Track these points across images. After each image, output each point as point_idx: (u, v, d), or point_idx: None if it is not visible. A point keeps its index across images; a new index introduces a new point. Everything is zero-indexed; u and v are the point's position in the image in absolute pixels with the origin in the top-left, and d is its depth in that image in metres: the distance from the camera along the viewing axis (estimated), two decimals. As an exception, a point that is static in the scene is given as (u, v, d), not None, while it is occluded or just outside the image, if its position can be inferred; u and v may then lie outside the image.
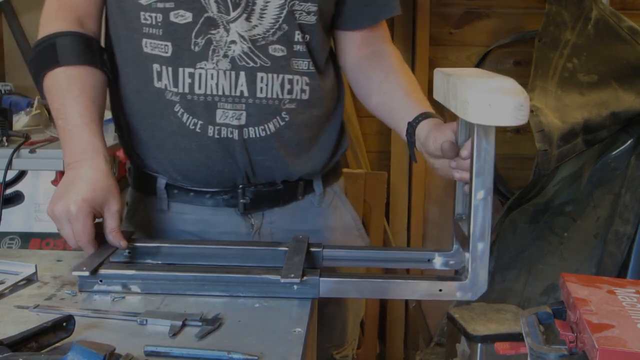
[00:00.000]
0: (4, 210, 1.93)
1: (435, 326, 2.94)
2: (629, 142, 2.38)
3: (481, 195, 1.05)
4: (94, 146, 1.23)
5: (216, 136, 1.28)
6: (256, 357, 0.92)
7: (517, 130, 2.83)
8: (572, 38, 2.38)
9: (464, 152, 1.14)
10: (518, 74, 2.78)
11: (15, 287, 1.16)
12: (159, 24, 1.25)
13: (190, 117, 1.28)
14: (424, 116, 1.30)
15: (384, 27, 1.46)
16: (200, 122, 1.28)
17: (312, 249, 1.24)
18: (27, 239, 2.08)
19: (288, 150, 1.33)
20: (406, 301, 2.93)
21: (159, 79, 1.27)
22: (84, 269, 1.13)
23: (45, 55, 1.28)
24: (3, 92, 2.34)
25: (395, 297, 1.11)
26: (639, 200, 2.29)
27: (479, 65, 2.77)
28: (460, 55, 2.79)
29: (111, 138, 2.05)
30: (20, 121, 2.16)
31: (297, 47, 1.30)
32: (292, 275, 1.11)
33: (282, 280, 1.11)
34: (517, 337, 1.02)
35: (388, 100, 1.40)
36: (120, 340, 0.95)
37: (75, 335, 0.96)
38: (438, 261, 1.25)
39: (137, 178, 1.42)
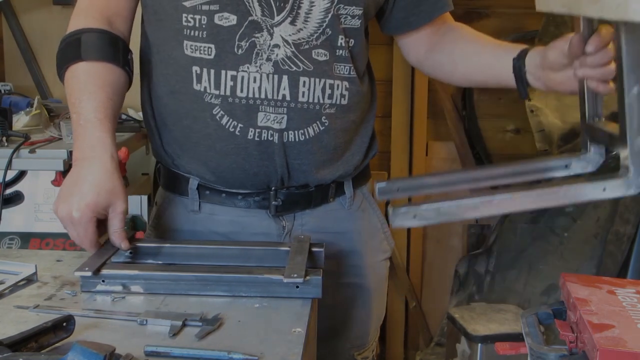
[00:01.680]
0: (3, 210, 1.93)
1: (435, 326, 2.94)
2: (629, 142, 2.37)
3: (635, 91, 1.01)
4: (103, 143, 1.22)
5: (256, 139, 1.28)
6: (256, 357, 0.92)
7: (517, 130, 2.83)
8: (572, 38, 2.38)
9: (590, 47, 1.09)
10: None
11: (15, 287, 1.16)
12: (203, 26, 1.25)
13: (230, 120, 1.28)
14: (526, 50, 1.30)
15: (445, 15, 1.46)
16: (240, 124, 1.28)
17: (314, 249, 1.24)
18: (27, 239, 2.07)
19: (325, 154, 1.34)
20: (406, 301, 2.94)
21: (199, 81, 1.27)
22: (86, 269, 1.13)
23: (70, 50, 1.28)
24: (3, 92, 2.33)
25: (560, 203, 1.06)
26: (639, 200, 2.29)
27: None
28: (460, 55, 2.79)
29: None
30: (20, 121, 2.16)
31: (340, 52, 1.31)
32: (295, 275, 1.11)
33: (285, 280, 1.11)
34: (517, 337, 1.02)
35: (479, 59, 1.39)
36: (120, 341, 0.95)
37: (75, 335, 0.96)
38: (576, 166, 1.21)
39: (168, 178, 1.41)
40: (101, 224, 1.21)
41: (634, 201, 2.30)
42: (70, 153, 1.99)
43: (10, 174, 1.95)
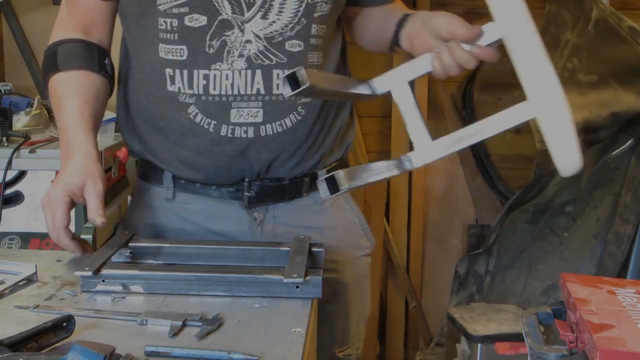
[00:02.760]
0: (3, 210, 1.93)
1: (435, 326, 2.94)
2: (629, 142, 2.38)
3: None
4: (79, 141, 1.27)
5: (229, 135, 1.31)
6: (256, 357, 0.92)
7: (517, 130, 2.82)
8: (572, 38, 2.38)
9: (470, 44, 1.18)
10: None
11: (15, 287, 1.16)
12: (175, 28, 1.28)
13: (204, 118, 1.30)
14: (412, 14, 1.36)
15: None
16: (213, 121, 1.30)
17: (314, 249, 1.24)
18: (27, 239, 2.07)
19: (302, 144, 1.36)
20: (406, 301, 2.93)
21: (172, 82, 1.30)
22: (86, 269, 1.13)
23: (49, 62, 1.35)
24: (3, 92, 2.33)
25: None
26: (639, 200, 2.29)
27: (479, 65, 2.76)
28: (460, 55, 2.79)
29: (110, 138, 2.06)
30: (20, 121, 2.16)
31: (313, 41, 1.32)
32: (295, 275, 1.11)
33: (285, 280, 1.11)
34: (517, 337, 1.02)
35: (381, 21, 1.42)
36: (120, 341, 0.95)
37: (76, 335, 0.96)
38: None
39: (144, 168, 1.45)
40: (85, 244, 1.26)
41: (634, 201, 2.30)
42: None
43: (11, 174, 1.96)
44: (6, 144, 1.97)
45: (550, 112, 1.12)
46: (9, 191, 1.98)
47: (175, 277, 1.15)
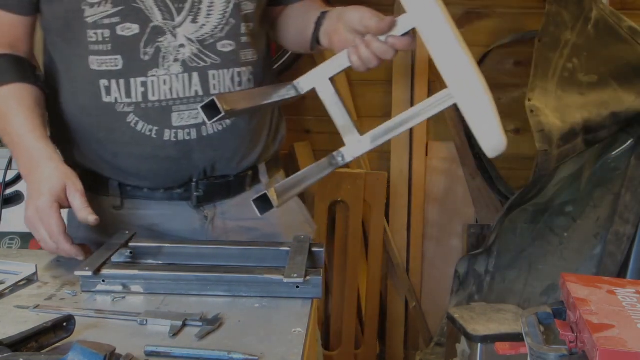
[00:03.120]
0: (4, 210, 1.93)
1: (435, 326, 2.93)
2: (629, 142, 2.38)
3: None
4: (39, 149, 1.27)
5: (173, 139, 1.32)
6: (256, 357, 0.92)
7: (517, 130, 2.83)
8: (572, 38, 2.38)
9: (385, 37, 1.19)
10: (518, 74, 2.78)
11: (15, 287, 1.17)
12: (107, 39, 1.28)
13: (145, 125, 1.32)
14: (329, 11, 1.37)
15: None
16: (155, 127, 1.32)
17: (314, 249, 1.24)
18: (27, 239, 2.07)
19: (243, 140, 1.39)
20: (406, 301, 2.93)
21: (108, 93, 1.31)
22: (87, 269, 1.14)
23: None
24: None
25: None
26: (639, 200, 2.29)
27: (479, 65, 2.76)
28: (460, 55, 2.79)
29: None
30: (20, 121, 2.16)
31: (244, 39, 1.35)
32: (295, 275, 1.11)
33: (285, 280, 1.11)
34: (517, 337, 1.02)
35: (301, 20, 1.44)
36: (120, 341, 0.95)
37: (76, 335, 0.96)
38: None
39: (88, 179, 1.41)
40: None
41: (633, 201, 2.30)
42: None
43: (11, 174, 1.96)
44: (6, 144, 1.96)
45: (468, 96, 1.15)
46: (9, 191, 1.99)
47: (175, 277, 1.15)
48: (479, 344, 2.27)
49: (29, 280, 1.20)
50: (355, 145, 1.22)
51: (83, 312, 1.06)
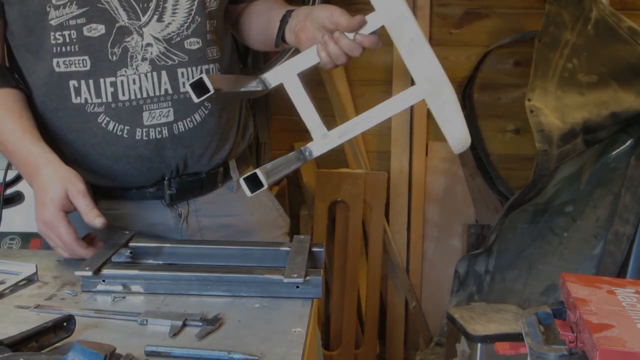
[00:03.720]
0: (4, 210, 1.93)
1: (435, 326, 2.94)
2: (629, 142, 2.38)
3: None
4: (34, 153, 1.27)
5: (145, 138, 1.33)
6: (256, 357, 0.92)
7: (517, 130, 2.83)
8: (572, 38, 2.38)
9: (353, 32, 1.22)
10: (518, 74, 2.78)
11: (15, 287, 1.17)
12: (74, 40, 1.28)
13: (117, 124, 1.32)
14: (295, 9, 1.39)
15: None
16: (127, 127, 1.32)
17: (314, 249, 1.24)
18: (28, 239, 2.07)
19: (213, 136, 1.40)
20: (406, 301, 2.94)
21: (77, 94, 1.31)
22: (87, 269, 1.14)
23: None
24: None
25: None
26: (639, 200, 2.29)
27: (479, 65, 2.77)
28: (460, 56, 2.79)
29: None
30: (20, 121, 2.16)
31: (209, 36, 1.37)
32: (295, 275, 1.11)
33: (285, 280, 1.11)
34: (517, 337, 1.02)
35: (265, 18, 1.46)
36: (120, 340, 0.95)
37: (76, 335, 0.96)
38: None
39: None
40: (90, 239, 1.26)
41: (633, 201, 2.30)
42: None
43: (11, 174, 1.96)
44: (6, 144, 1.96)
45: (436, 92, 1.19)
46: (9, 191, 1.99)
47: (175, 277, 1.15)
48: (479, 344, 2.27)
49: (29, 280, 1.20)
50: (323, 140, 1.23)
51: (83, 312, 1.06)
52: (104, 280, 1.14)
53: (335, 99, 2.78)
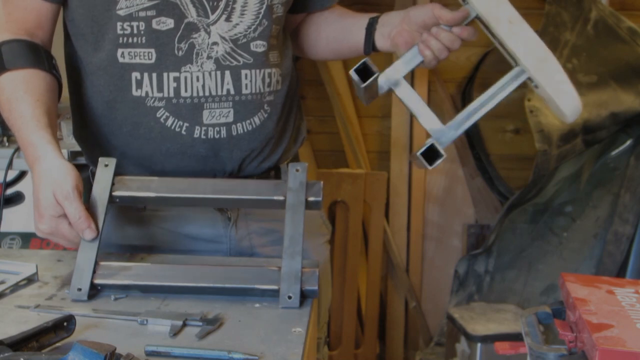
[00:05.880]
0: (4, 210, 1.93)
1: (435, 326, 2.94)
2: (628, 142, 2.38)
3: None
4: (41, 138, 1.21)
5: (202, 137, 1.31)
6: (256, 357, 0.92)
7: (517, 130, 2.83)
8: (571, 38, 2.38)
9: (452, 25, 1.27)
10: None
11: (16, 287, 1.17)
12: (142, 32, 1.27)
13: (176, 120, 1.30)
14: (384, 13, 1.42)
15: None
16: (186, 124, 1.30)
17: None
18: (28, 239, 2.08)
19: (269, 140, 1.38)
20: (406, 301, 2.94)
21: (139, 86, 1.29)
22: (79, 288, 1.12)
23: None
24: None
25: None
26: (638, 200, 2.29)
27: (479, 65, 2.77)
28: (461, 56, 2.79)
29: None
30: (20, 121, 2.16)
31: (273, 41, 1.36)
32: (291, 296, 1.11)
33: (281, 307, 1.11)
34: (516, 337, 1.02)
35: (341, 22, 1.47)
36: (120, 340, 0.95)
37: (76, 335, 0.96)
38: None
39: None
40: None
41: (633, 201, 2.30)
42: (70, 153, 1.99)
43: (11, 174, 1.96)
44: (7, 144, 1.97)
45: (542, 67, 1.21)
46: (9, 191, 1.99)
47: (172, 289, 1.15)
48: (479, 344, 2.27)
49: (30, 280, 1.20)
50: (442, 134, 1.26)
51: (83, 312, 1.06)
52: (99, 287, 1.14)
53: (335, 99, 2.78)
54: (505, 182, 2.86)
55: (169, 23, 1.27)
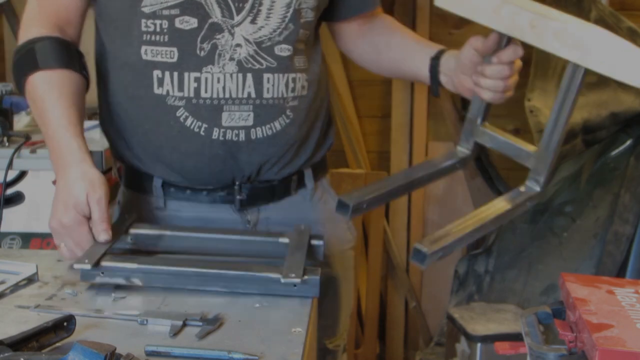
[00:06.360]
0: (4, 211, 1.93)
1: (435, 326, 2.94)
2: (628, 142, 2.38)
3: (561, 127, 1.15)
4: (72, 148, 1.25)
5: (221, 138, 1.30)
6: (256, 357, 0.92)
7: (517, 130, 2.83)
8: (571, 38, 2.38)
9: (495, 59, 1.21)
10: (518, 74, 2.78)
11: (16, 287, 1.17)
12: (165, 30, 1.27)
13: (195, 121, 1.30)
14: (443, 51, 1.37)
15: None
16: (205, 125, 1.30)
17: (314, 242, 1.24)
18: (28, 239, 2.08)
19: (291, 146, 1.37)
20: (406, 301, 2.94)
21: (160, 85, 1.29)
22: (86, 261, 1.14)
23: (26, 61, 1.31)
24: (4, 92, 2.33)
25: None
26: (638, 200, 2.29)
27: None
28: (460, 56, 2.79)
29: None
30: (20, 121, 2.16)
31: (300, 46, 1.34)
32: (293, 275, 1.11)
33: (283, 281, 1.11)
34: (516, 337, 1.02)
35: (400, 52, 1.45)
36: (120, 340, 0.95)
37: (76, 335, 0.96)
38: (457, 163, 1.30)
39: (131, 177, 1.43)
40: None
41: (633, 201, 2.30)
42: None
43: (11, 174, 1.96)
44: (7, 144, 1.97)
45: (587, 53, 1.12)
46: (10, 191, 1.99)
47: (174, 272, 1.15)
48: (479, 344, 2.27)
49: (30, 280, 1.20)
50: (539, 161, 1.19)
51: (83, 312, 1.06)
52: (103, 272, 1.14)
53: (335, 99, 2.78)
54: (506, 182, 2.86)
55: (193, 22, 1.27)
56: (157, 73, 1.28)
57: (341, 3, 1.45)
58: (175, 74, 1.28)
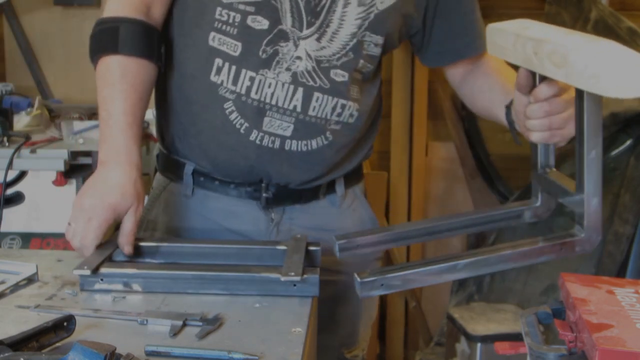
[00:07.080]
0: (4, 211, 1.93)
1: (435, 326, 2.94)
2: (628, 142, 2.38)
3: (593, 155, 1.01)
4: (129, 150, 1.25)
5: (257, 142, 1.31)
6: (256, 357, 0.92)
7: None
8: (571, 38, 2.38)
9: (530, 98, 1.13)
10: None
11: (16, 287, 1.17)
12: (236, 24, 1.28)
13: (239, 117, 1.31)
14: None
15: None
16: (246, 124, 1.31)
17: (311, 248, 1.25)
18: (28, 239, 2.08)
19: (324, 167, 1.37)
20: (406, 301, 2.94)
21: (217, 73, 1.30)
22: (85, 267, 1.14)
23: (106, 38, 1.29)
24: (4, 92, 2.34)
25: (519, 265, 1.13)
26: (638, 200, 2.30)
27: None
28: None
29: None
30: (20, 121, 2.17)
31: (357, 75, 1.34)
32: (292, 273, 1.11)
33: (282, 279, 1.11)
34: (516, 337, 1.02)
35: (488, 100, 1.42)
36: (120, 340, 0.95)
37: (76, 335, 0.96)
38: (527, 215, 1.25)
39: (165, 162, 1.45)
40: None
41: (633, 201, 2.30)
42: (70, 153, 1.99)
43: (11, 174, 1.96)
44: (7, 144, 1.97)
45: (588, 73, 0.94)
46: (10, 191, 1.99)
47: (174, 276, 1.15)
48: (479, 344, 2.27)
49: (30, 280, 1.20)
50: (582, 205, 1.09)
51: (83, 312, 1.06)
52: (102, 279, 1.14)
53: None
54: (506, 182, 2.86)
55: (264, 24, 1.28)
56: (218, 61, 1.30)
57: (440, 48, 1.44)
58: (234, 67, 1.29)
